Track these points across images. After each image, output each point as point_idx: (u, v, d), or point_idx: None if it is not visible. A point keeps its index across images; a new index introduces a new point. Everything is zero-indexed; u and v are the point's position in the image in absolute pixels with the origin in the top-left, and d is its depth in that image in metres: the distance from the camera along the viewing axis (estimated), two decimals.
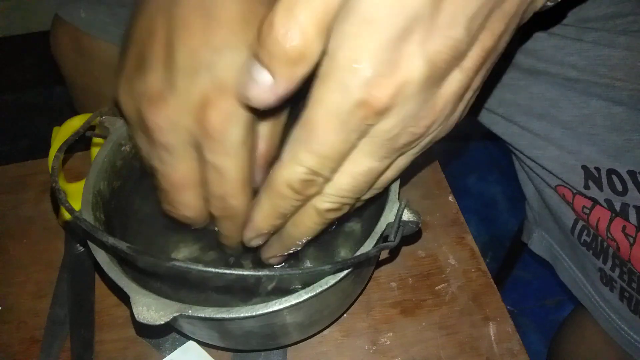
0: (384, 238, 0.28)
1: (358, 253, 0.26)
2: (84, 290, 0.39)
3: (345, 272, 0.26)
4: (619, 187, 0.38)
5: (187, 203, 0.28)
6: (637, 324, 0.40)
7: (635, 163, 0.37)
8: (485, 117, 0.48)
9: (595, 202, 0.40)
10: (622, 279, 0.40)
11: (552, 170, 0.42)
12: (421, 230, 0.41)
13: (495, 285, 0.38)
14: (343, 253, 0.38)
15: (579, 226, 0.42)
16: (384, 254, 0.40)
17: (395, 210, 0.28)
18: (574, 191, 0.41)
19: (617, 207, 0.38)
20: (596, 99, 0.39)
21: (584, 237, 0.42)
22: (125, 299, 0.31)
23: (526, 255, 0.83)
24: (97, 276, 0.40)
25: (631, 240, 0.38)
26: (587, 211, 0.40)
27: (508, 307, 0.38)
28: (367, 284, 0.38)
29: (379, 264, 0.40)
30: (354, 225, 0.39)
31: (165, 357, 0.28)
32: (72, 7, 0.57)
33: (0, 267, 0.41)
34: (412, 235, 0.30)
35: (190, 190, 0.27)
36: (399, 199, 0.29)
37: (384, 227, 0.28)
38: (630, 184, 0.37)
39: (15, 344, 0.37)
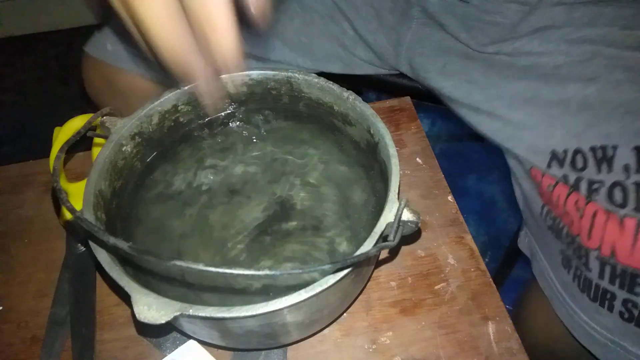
0: (383, 238, 0.28)
1: (358, 253, 0.26)
2: (85, 289, 0.39)
3: (345, 271, 0.26)
4: (580, 164, 0.40)
5: (166, 23, 0.26)
6: (585, 302, 0.40)
7: (598, 137, 0.39)
8: (472, 118, 0.50)
9: (557, 179, 0.42)
10: (577, 256, 0.41)
11: (525, 156, 0.44)
12: (420, 230, 0.41)
13: (494, 285, 0.38)
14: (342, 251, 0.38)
15: (545, 210, 0.44)
16: (384, 254, 0.40)
17: (394, 210, 0.28)
18: (542, 171, 0.43)
19: (572, 181, 0.40)
20: (573, 82, 0.42)
21: (549, 220, 0.44)
22: (126, 298, 0.31)
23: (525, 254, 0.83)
24: (98, 276, 0.40)
25: (580, 213, 0.39)
26: (551, 189, 0.42)
27: (507, 306, 0.38)
28: (366, 284, 0.38)
29: (379, 263, 0.40)
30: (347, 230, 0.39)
31: (166, 356, 0.28)
32: (99, 42, 0.57)
33: (1, 266, 0.41)
34: (411, 235, 0.30)
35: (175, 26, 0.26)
36: (398, 198, 0.29)
37: (384, 226, 0.28)
38: (590, 160, 0.39)
39: (17, 344, 0.37)
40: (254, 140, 0.42)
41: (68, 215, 0.40)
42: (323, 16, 0.57)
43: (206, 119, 0.40)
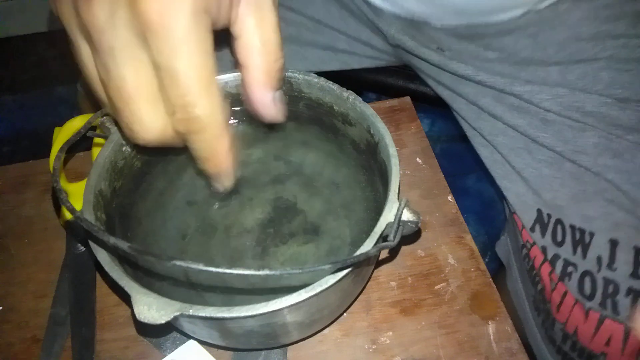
0: (383, 238, 0.28)
1: (358, 253, 0.26)
2: (85, 289, 0.39)
3: (345, 271, 0.26)
4: (559, 238, 0.40)
5: (145, 119, 0.24)
6: (548, 350, 0.44)
7: (579, 217, 0.39)
8: (476, 140, 0.50)
9: (536, 243, 0.42)
10: (545, 313, 0.43)
11: (514, 205, 0.44)
12: (420, 230, 0.41)
13: (494, 285, 0.38)
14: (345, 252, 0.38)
15: (524, 252, 0.45)
16: (384, 254, 0.40)
17: (394, 210, 0.28)
18: (522, 226, 0.44)
19: (549, 255, 0.40)
20: (564, 145, 0.41)
21: (526, 264, 0.44)
22: (126, 298, 0.31)
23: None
24: (98, 276, 0.40)
25: (553, 285, 0.40)
26: (529, 245, 0.43)
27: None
28: (366, 284, 0.38)
29: (379, 263, 0.40)
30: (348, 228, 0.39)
31: (166, 356, 0.28)
32: None
33: (1, 266, 0.41)
34: (411, 235, 0.30)
35: (146, 103, 0.23)
36: (398, 198, 0.29)
37: (384, 226, 0.28)
38: (568, 237, 0.39)
39: (17, 344, 0.37)
40: (254, 141, 0.42)
41: (68, 215, 0.40)
42: (309, 28, 0.56)
43: None
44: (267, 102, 0.27)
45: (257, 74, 0.26)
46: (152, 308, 0.25)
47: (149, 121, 0.24)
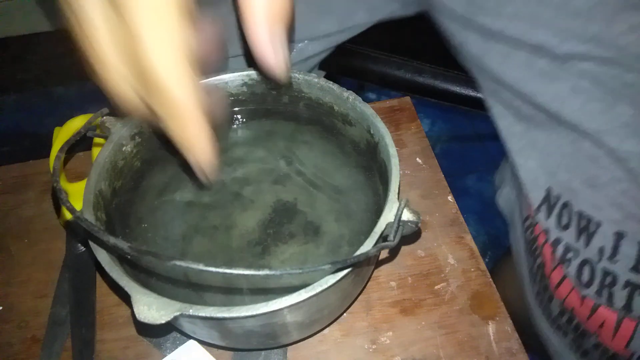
0: (383, 238, 0.28)
1: (358, 253, 0.26)
2: (85, 289, 0.39)
3: (345, 271, 0.26)
4: (564, 222, 0.39)
5: (113, 82, 0.22)
6: (543, 317, 0.44)
7: (588, 203, 0.38)
8: (495, 110, 0.47)
9: (539, 224, 0.41)
10: (541, 285, 0.43)
11: (525, 182, 0.43)
12: (420, 230, 0.41)
13: (494, 285, 0.38)
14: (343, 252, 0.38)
15: (527, 224, 0.44)
16: (384, 254, 0.40)
17: (394, 210, 0.28)
18: (532, 208, 0.43)
19: (551, 237, 0.40)
20: (589, 119, 0.38)
21: (528, 235, 0.44)
22: (126, 298, 0.31)
23: None
24: (98, 276, 0.40)
25: (553, 264, 0.40)
26: (534, 222, 0.42)
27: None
28: (366, 284, 0.38)
29: (379, 263, 0.40)
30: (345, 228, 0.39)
31: (166, 356, 0.29)
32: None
33: (1, 266, 0.41)
34: (411, 235, 0.30)
35: (113, 63, 0.21)
36: (398, 198, 0.29)
37: (384, 226, 0.28)
38: (574, 223, 0.38)
39: (17, 344, 0.37)
40: (255, 141, 0.42)
41: (68, 215, 0.40)
42: None
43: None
44: (264, 41, 0.23)
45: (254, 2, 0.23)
46: (152, 308, 0.25)
47: (116, 82, 0.22)
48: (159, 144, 0.38)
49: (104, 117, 0.35)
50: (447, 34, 0.51)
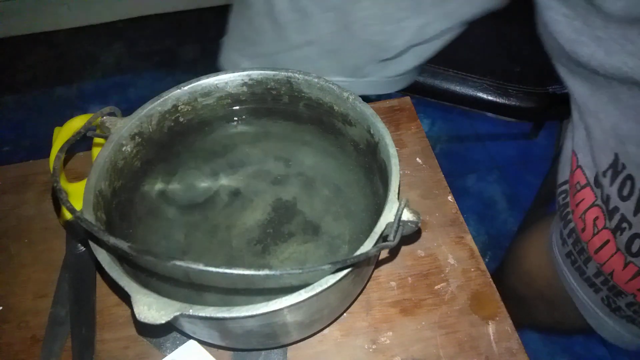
0: (383, 238, 0.28)
1: (358, 253, 0.26)
2: (85, 289, 0.39)
3: (345, 271, 0.26)
4: (625, 192, 0.38)
5: None
6: (574, 274, 0.46)
7: None
8: (568, 68, 0.43)
9: (590, 186, 0.41)
10: (574, 248, 0.44)
11: (595, 142, 0.40)
12: (420, 229, 0.41)
13: (494, 285, 0.38)
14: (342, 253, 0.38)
15: (560, 189, 0.45)
16: (384, 254, 0.40)
17: (394, 210, 0.28)
18: (579, 165, 0.42)
19: (610, 206, 0.39)
20: None
21: (560, 199, 0.46)
22: (126, 298, 0.31)
23: None
24: (98, 276, 0.40)
25: (595, 230, 0.41)
26: (579, 187, 0.42)
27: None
28: (366, 284, 0.38)
29: (379, 263, 0.40)
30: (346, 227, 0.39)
31: (166, 356, 0.29)
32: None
33: (1, 266, 0.41)
34: (411, 235, 0.30)
35: None
36: (398, 198, 0.29)
37: (384, 226, 0.28)
38: (634, 197, 0.37)
39: (17, 344, 0.37)
40: (255, 141, 0.42)
41: (68, 215, 0.40)
42: None
43: (206, 119, 0.40)
44: None
45: None
46: (152, 308, 0.25)
47: None
48: (159, 144, 0.38)
49: (104, 117, 0.35)
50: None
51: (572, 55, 0.40)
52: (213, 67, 0.46)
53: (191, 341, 0.29)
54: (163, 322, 0.24)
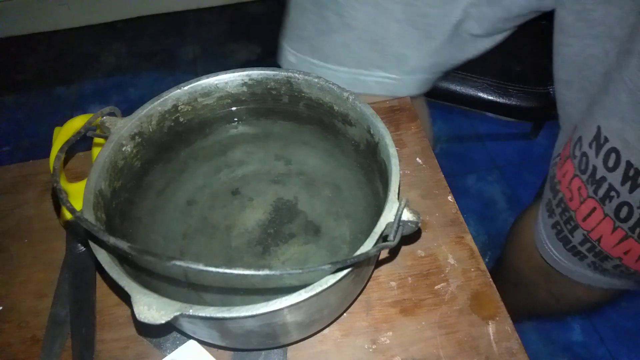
0: (383, 238, 0.28)
1: (358, 253, 0.26)
2: (85, 289, 0.39)
3: (345, 271, 0.26)
4: (610, 164, 0.40)
5: None
6: (558, 245, 0.49)
7: (637, 157, 0.38)
8: (574, 31, 0.44)
9: (575, 157, 0.43)
10: (561, 217, 0.46)
11: (597, 113, 0.41)
12: (420, 230, 0.41)
13: (494, 285, 0.38)
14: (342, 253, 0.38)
15: (553, 161, 0.48)
16: (384, 254, 0.40)
17: (394, 210, 0.28)
18: (572, 139, 0.44)
19: (597, 176, 0.41)
20: None
21: (552, 171, 0.47)
22: (126, 298, 0.31)
23: None
24: (98, 276, 0.40)
25: (581, 199, 0.43)
26: (565, 158, 0.45)
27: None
28: (366, 284, 0.38)
29: (379, 263, 0.40)
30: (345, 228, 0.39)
31: (166, 356, 0.28)
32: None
33: (1, 266, 0.41)
34: (411, 235, 0.30)
35: None
36: (398, 198, 0.29)
37: (384, 226, 0.28)
38: (620, 169, 0.39)
39: (16, 344, 0.37)
40: (255, 141, 0.42)
41: (68, 215, 0.40)
42: None
43: (206, 120, 0.40)
44: None
45: None
46: (152, 308, 0.25)
47: None
48: (159, 144, 0.38)
49: (104, 117, 0.35)
50: None
51: None
52: (213, 67, 0.46)
53: (191, 341, 0.29)
54: (163, 322, 0.24)
